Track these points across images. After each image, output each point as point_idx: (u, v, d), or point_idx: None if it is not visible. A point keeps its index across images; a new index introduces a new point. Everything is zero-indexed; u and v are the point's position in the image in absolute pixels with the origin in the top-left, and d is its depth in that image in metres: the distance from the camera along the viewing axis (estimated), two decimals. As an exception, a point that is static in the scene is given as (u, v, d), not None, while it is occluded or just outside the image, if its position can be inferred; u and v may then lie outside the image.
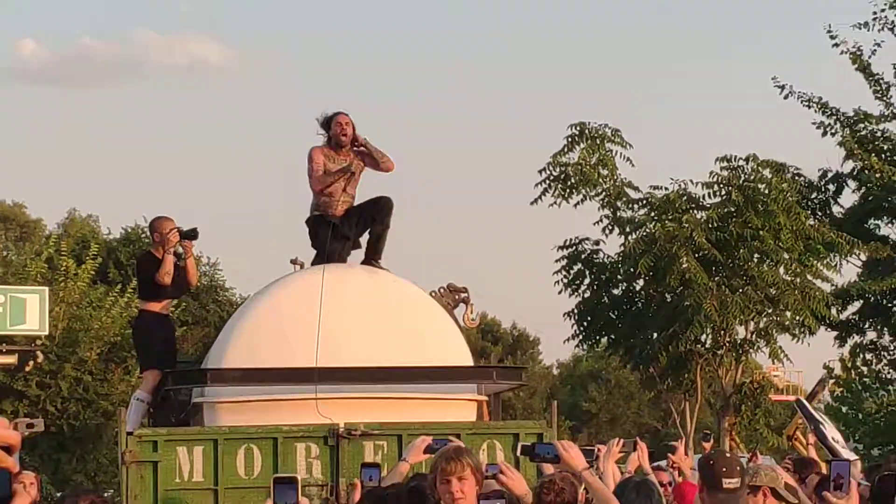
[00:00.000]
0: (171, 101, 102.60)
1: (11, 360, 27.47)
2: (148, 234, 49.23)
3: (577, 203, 30.33)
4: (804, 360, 63.57)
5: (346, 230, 12.92)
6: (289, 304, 12.25)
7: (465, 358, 12.49)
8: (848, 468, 6.57)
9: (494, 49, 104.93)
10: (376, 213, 12.88)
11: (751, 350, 30.32)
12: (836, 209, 32.72)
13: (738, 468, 6.66)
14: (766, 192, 29.33)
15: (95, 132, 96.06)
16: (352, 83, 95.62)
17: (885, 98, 31.72)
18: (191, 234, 13.12)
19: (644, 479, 8.05)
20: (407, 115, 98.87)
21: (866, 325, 32.84)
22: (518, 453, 7.89)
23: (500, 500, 6.58)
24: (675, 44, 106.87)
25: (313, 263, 13.18)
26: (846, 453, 11.01)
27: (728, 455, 7.07)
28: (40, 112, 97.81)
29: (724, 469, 6.59)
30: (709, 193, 29.94)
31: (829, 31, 31.73)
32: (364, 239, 13.11)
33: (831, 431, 12.80)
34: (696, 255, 28.99)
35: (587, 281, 30.92)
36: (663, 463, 12.66)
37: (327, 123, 12.88)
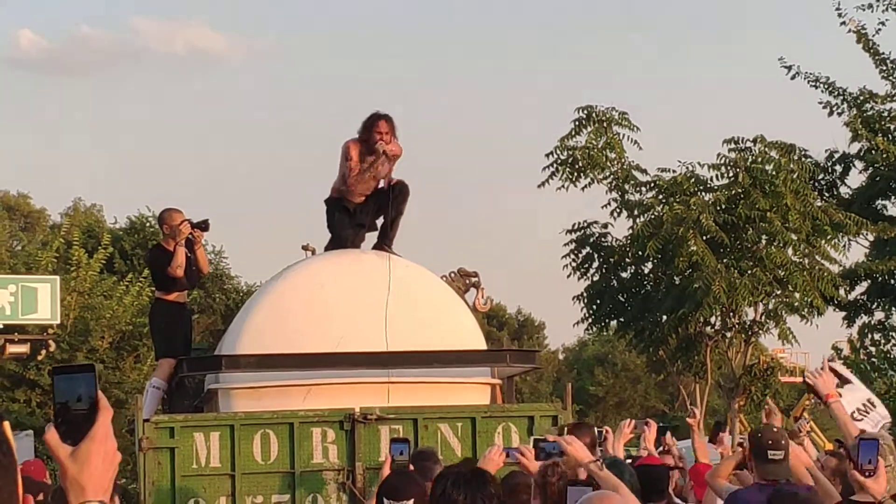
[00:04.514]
0: (172, 89, 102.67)
1: (24, 349, 27.56)
2: (152, 223, 49.20)
3: (585, 186, 30.26)
4: (810, 342, 63.59)
5: (362, 217, 12.97)
6: (302, 290, 12.30)
7: (478, 342, 12.55)
8: (877, 448, 6.45)
9: (502, 33, 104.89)
10: (391, 198, 12.86)
11: (760, 331, 30.30)
12: (843, 190, 32.72)
13: (784, 441, 7.43)
14: (774, 173, 29.25)
15: (98, 121, 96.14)
16: (355, 68, 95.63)
17: (890, 77, 31.72)
18: (202, 226, 13.16)
19: (615, 460, 8.06)
20: (414, 100, 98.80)
21: (874, 306, 32.85)
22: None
23: (588, 487, 6.47)
24: (681, 25, 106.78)
25: (326, 248, 13.24)
26: (869, 423, 10.42)
27: (775, 430, 7.85)
28: (42, 101, 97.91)
29: (770, 442, 7.38)
30: (716, 175, 29.87)
31: (836, 9, 31.76)
32: (378, 223, 13.15)
33: (856, 396, 12.19)
34: (705, 238, 28.95)
35: (595, 264, 30.87)
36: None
37: (367, 127, 12.71)
